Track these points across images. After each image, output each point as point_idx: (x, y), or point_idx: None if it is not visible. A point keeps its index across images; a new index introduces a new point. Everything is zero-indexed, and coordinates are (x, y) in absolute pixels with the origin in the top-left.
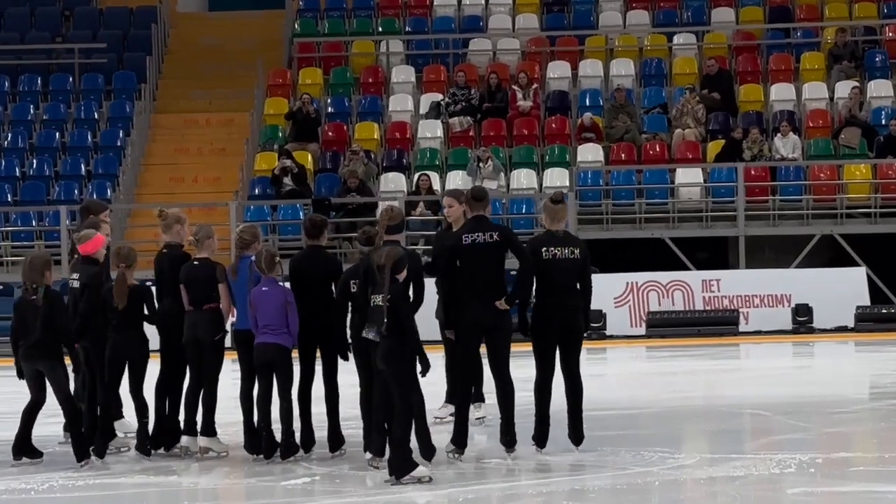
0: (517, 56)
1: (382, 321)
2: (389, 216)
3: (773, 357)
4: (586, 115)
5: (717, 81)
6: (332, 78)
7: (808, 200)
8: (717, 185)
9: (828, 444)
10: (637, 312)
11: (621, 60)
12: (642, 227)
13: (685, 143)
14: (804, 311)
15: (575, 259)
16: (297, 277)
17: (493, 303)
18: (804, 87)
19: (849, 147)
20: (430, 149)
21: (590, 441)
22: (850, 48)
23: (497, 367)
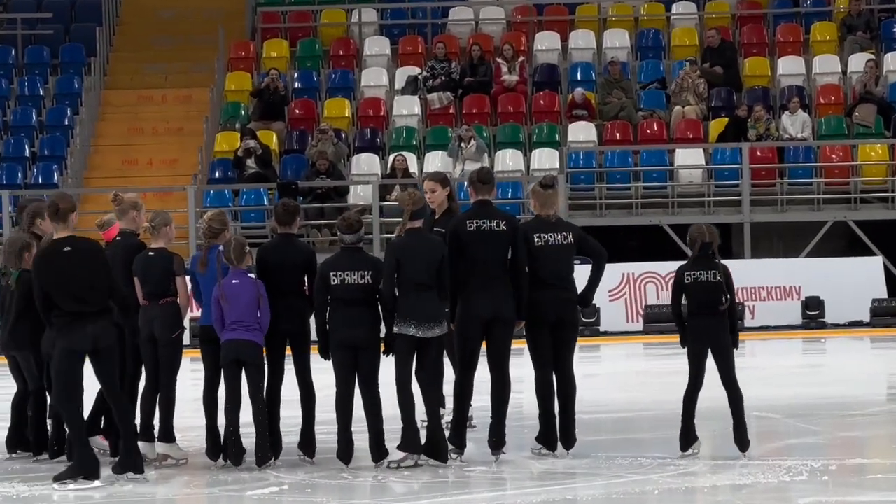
0: (502, 26)
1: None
2: (413, 200)
3: (781, 355)
4: (577, 91)
5: (720, 54)
6: (300, 50)
7: (818, 184)
8: (720, 167)
9: (841, 449)
10: (633, 306)
11: (615, 31)
12: (639, 213)
13: (685, 121)
14: (815, 304)
15: (569, 244)
16: (267, 269)
17: (497, 295)
18: (815, 61)
19: (863, 125)
20: (406, 127)
21: (582, 446)
22: (865, 17)
23: (496, 362)
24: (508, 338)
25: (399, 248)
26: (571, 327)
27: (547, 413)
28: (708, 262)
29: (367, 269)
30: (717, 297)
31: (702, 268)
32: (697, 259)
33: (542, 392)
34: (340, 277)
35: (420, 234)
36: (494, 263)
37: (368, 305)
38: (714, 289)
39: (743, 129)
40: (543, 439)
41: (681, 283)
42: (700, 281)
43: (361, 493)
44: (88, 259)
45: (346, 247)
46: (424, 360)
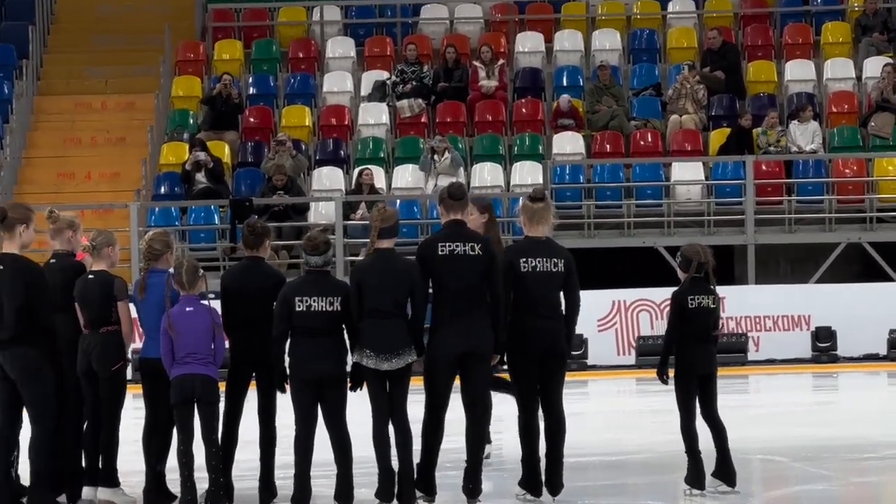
0: (479, 26)
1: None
2: (382, 217)
3: (788, 391)
4: (563, 98)
5: (721, 57)
6: (255, 52)
7: (830, 202)
8: (721, 182)
9: (855, 496)
10: (625, 337)
11: (605, 32)
12: (631, 233)
13: (683, 131)
14: (826, 335)
15: (558, 272)
16: (233, 296)
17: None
18: (826, 65)
19: (880, 137)
20: (373, 138)
21: (569, 492)
22: (882, 17)
23: (471, 403)
24: (484, 375)
25: (362, 270)
26: (560, 360)
27: (531, 456)
28: (706, 285)
29: (336, 294)
30: (714, 323)
31: (703, 292)
32: (695, 281)
33: (525, 433)
34: (306, 304)
35: (388, 256)
36: (468, 291)
37: (335, 335)
38: (713, 315)
39: (746, 140)
40: (527, 485)
41: (684, 308)
42: (703, 306)
43: None
44: (7, 279)
45: (311, 270)
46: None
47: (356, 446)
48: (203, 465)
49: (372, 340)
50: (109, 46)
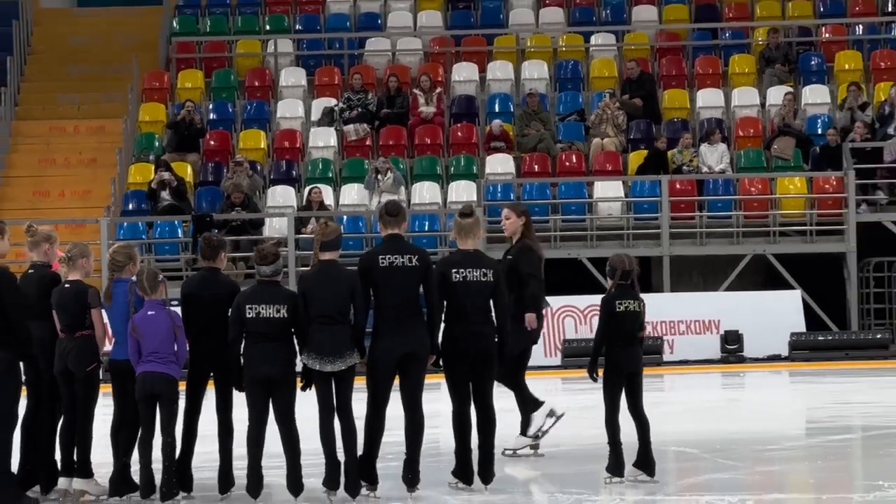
0: (419, 57)
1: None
2: (324, 232)
3: (699, 389)
4: (495, 123)
5: (639, 86)
6: (215, 81)
7: (738, 217)
8: (639, 199)
9: (759, 484)
10: (552, 341)
11: (534, 62)
12: (557, 245)
13: (604, 153)
14: (734, 338)
15: (488, 282)
16: (192, 303)
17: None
18: (733, 93)
19: (782, 158)
20: (322, 159)
21: (500, 481)
22: (784, 50)
23: (410, 400)
24: (422, 374)
25: (306, 280)
26: (489, 362)
27: (464, 448)
28: (632, 291)
29: (283, 302)
30: (640, 327)
31: (629, 297)
32: (620, 288)
33: (459, 427)
34: (256, 311)
35: (330, 268)
36: (407, 299)
37: (284, 340)
38: (638, 318)
39: (662, 161)
40: (459, 474)
41: (612, 312)
42: (629, 310)
43: None
44: None
45: (262, 279)
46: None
47: (306, 440)
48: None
49: (317, 344)
50: (81, 75)
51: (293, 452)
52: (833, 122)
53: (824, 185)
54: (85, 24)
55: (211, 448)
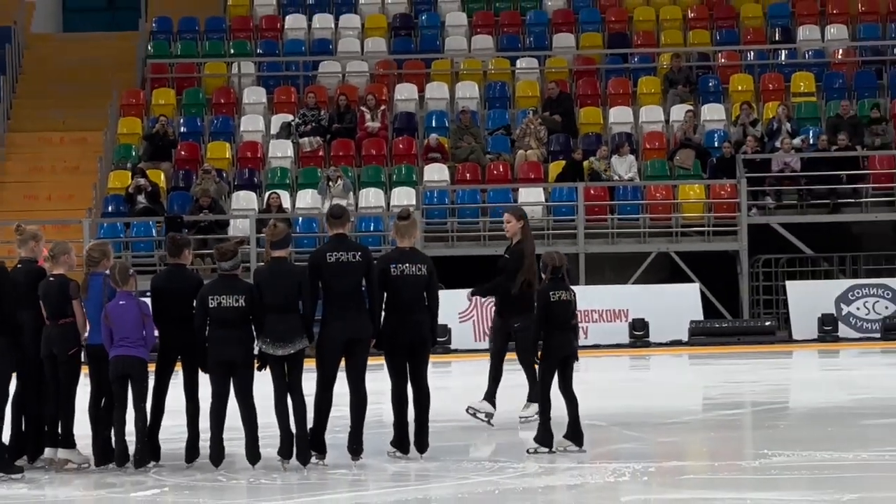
0: (366, 78)
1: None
2: (272, 232)
3: (610, 370)
4: (432, 136)
5: (559, 104)
6: (185, 98)
7: (644, 219)
8: (558, 204)
9: (661, 453)
10: (481, 327)
11: (466, 83)
12: (486, 244)
13: (528, 163)
14: (641, 325)
15: (422, 276)
16: (159, 296)
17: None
18: (641, 111)
19: (683, 168)
20: (280, 168)
21: (434, 451)
22: (685, 73)
23: (354, 379)
24: (365, 357)
25: (259, 275)
26: (424, 346)
27: (401, 421)
28: (562, 284)
29: (241, 293)
30: (572, 315)
31: (561, 288)
32: (552, 281)
33: (397, 402)
34: (217, 301)
35: (280, 263)
36: (351, 291)
37: (242, 326)
38: (570, 307)
39: (578, 170)
40: (398, 444)
41: (547, 301)
42: (562, 300)
43: (233, 493)
44: None
45: (222, 273)
46: (290, 375)
47: (262, 415)
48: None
49: (270, 331)
50: (67, 93)
51: (251, 426)
52: (728, 136)
53: (720, 192)
54: (70, 48)
55: (179, 422)
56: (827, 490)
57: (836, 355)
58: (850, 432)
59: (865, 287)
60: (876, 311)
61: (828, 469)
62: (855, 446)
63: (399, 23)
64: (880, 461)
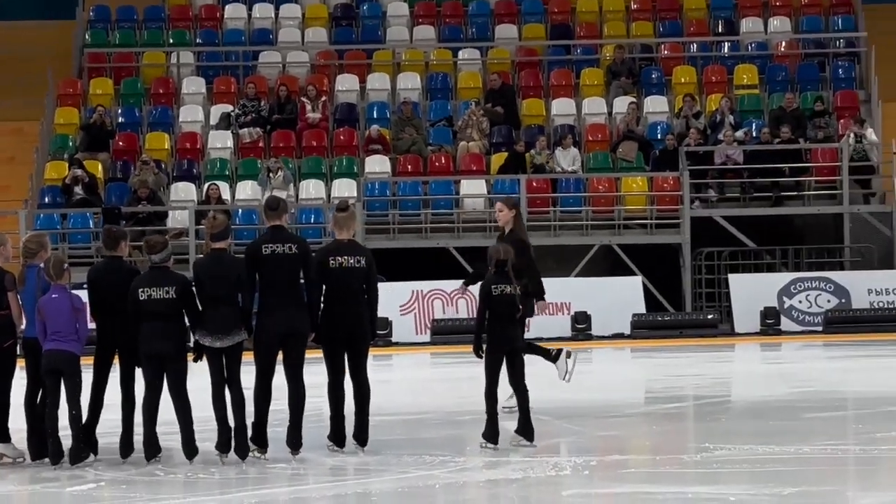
0: (306, 69)
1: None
2: (211, 224)
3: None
4: (373, 128)
5: (501, 95)
6: (123, 88)
7: (587, 212)
8: (500, 196)
9: (603, 447)
10: (422, 320)
11: (408, 74)
12: (428, 236)
13: (469, 155)
14: (583, 318)
15: (361, 267)
16: (95, 289)
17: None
18: (584, 102)
19: (626, 160)
20: (220, 159)
21: (374, 444)
22: (628, 65)
23: (292, 372)
24: (302, 350)
25: (198, 266)
26: (363, 339)
27: (337, 414)
28: (506, 277)
29: (171, 285)
30: (516, 308)
31: (504, 282)
32: (496, 274)
33: (334, 396)
34: (147, 293)
35: (219, 255)
36: (288, 283)
37: (173, 319)
38: (514, 300)
39: (520, 162)
40: (334, 437)
41: (489, 294)
42: (505, 293)
43: (170, 488)
44: None
45: (153, 266)
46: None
47: (201, 408)
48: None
49: (208, 323)
50: (2, 82)
51: (186, 420)
52: (670, 129)
53: (663, 184)
54: (5, 36)
55: (115, 416)
56: (768, 484)
57: (778, 348)
58: (792, 426)
59: (807, 280)
60: (818, 305)
61: (769, 463)
62: (796, 440)
63: (340, 13)
64: (822, 455)
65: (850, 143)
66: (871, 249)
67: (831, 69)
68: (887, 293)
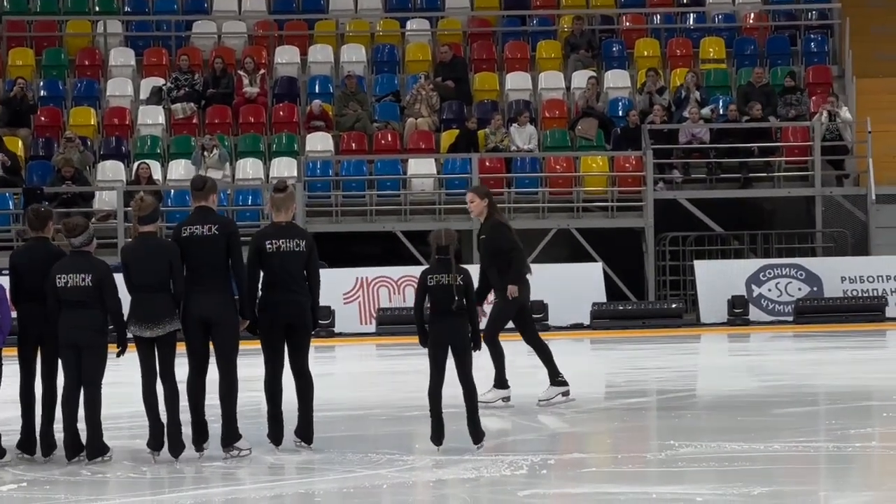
0: (244, 40)
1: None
2: (139, 206)
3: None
4: (315, 103)
5: (452, 69)
6: (45, 59)
7: (544, 193)
8: (450, 176)
9: (560, 444)
10: (367, 309)
11: (352, 46)
12: (373, 219)
13: (418, 132)
14: (539, 307)
15: (301, 252)
16: (18, 273)
17: (212, 296)
18: (540, 77)
19: (585, 138)
20: (150, 136)
21: (317, 442)
22: (587, 37)
23: (222, 365)
24: (229, 339)
25: (126, 252)
26: (304, 329)
27: (275, 411)
28: (446, 265)
29: (88, 272)
30: (452, 299)
31: (442, 271)
32: (438, 262)
33: (270, 390)
34: (65, 280)
35: (148, 239)
36: (209, 267)
37: (91, 307)
38: (451, 290)
39: (472, 140)
40: (272, 435)
41: (424, 285)
42: (441, 283)
43: (98, 488)
44: None
45: (73, 250)
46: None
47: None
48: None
49: (137, 311)
50: None
51: (93, 416)
52: (633, 105)
53: (625, 164)
54: None
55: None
56: (736, 483)
57: (746, 339)
58: (761, 421)
59: (777, 267)
60: (788, 293)
61: (737, 461)
62: (766, 436)
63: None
64: (793, 452)
65: (822, 121)
66: (845, 234)
67: (803, 43)
68: (861, 281)
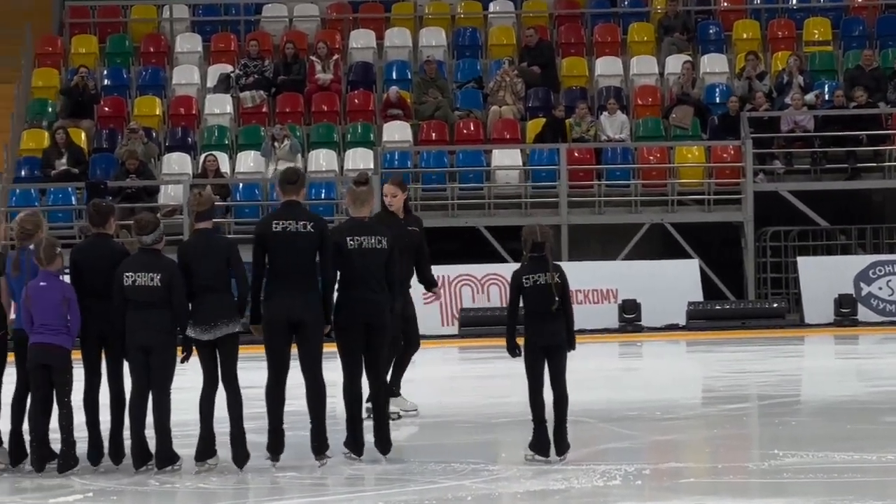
0: (316, 24)
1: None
2: (198, 202)
3: (597, 358)
4: (392, 90)
5: (538, 54)
6: (109, 46)
7: (636, 186)
8: (537, 168)
9: (656, 453)
10: (449, 309)
11: (432, 29)
12: (455, 214)
13: (502, 121)
14: (632, 307)
15: (382, 249)
16: (79, 270)
17: (301, 297)
18: (632, 62)
19: (680, 127)
20: (218, 126)
21: (396, 451)
22: (682, 19)
23: (307, 367)
24: (317, 342)
25: (183, 250)
26: (382, 330)
27: (353, 417)
28: (543, 264)
29: (158, 271)
30: (551, 300)
31: (538, 270)
32: (532, 260)
33: (349, 396)
34: (132, 279)
35: (207, 236)
36: (301, 266)
37: (160, 308)
38: (549, 290)
39: (560, 129)
40: (352, 444)
41: (519, 286)
42: (538, 284)
43: (165, 499)
44: None
45: (142, 248)
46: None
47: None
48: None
49: (195, 313)
50: None
51: (162, 423)
52: (731, 92)
53: (722, 155)
54: None
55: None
56: (846, 497)
57: (854, 341)
58: (872, 430)
59: (889, 264)
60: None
61: (847, 472)
62: (878, 446)
63: None
64: None
65: None
66: None
67: None
68: None
